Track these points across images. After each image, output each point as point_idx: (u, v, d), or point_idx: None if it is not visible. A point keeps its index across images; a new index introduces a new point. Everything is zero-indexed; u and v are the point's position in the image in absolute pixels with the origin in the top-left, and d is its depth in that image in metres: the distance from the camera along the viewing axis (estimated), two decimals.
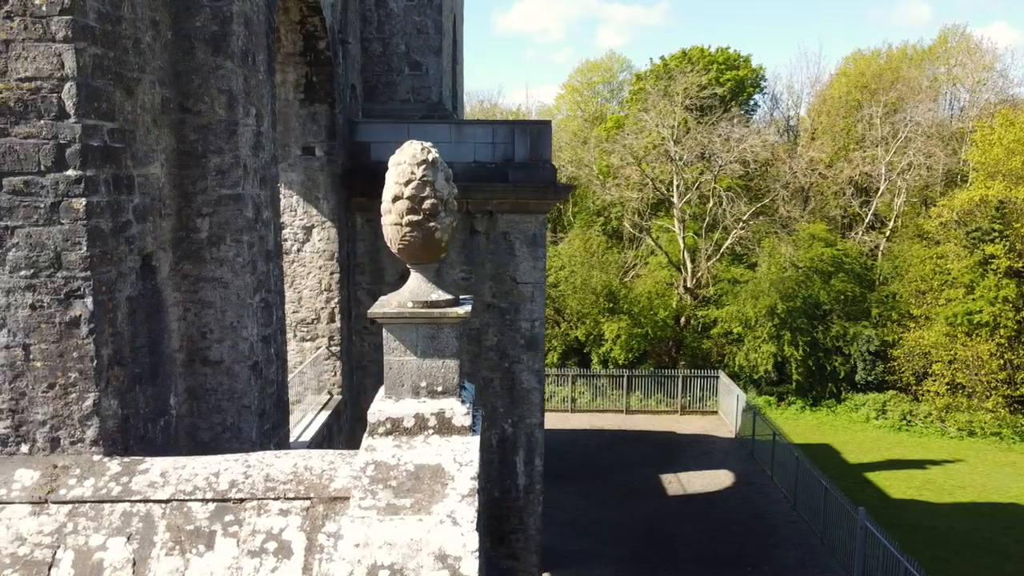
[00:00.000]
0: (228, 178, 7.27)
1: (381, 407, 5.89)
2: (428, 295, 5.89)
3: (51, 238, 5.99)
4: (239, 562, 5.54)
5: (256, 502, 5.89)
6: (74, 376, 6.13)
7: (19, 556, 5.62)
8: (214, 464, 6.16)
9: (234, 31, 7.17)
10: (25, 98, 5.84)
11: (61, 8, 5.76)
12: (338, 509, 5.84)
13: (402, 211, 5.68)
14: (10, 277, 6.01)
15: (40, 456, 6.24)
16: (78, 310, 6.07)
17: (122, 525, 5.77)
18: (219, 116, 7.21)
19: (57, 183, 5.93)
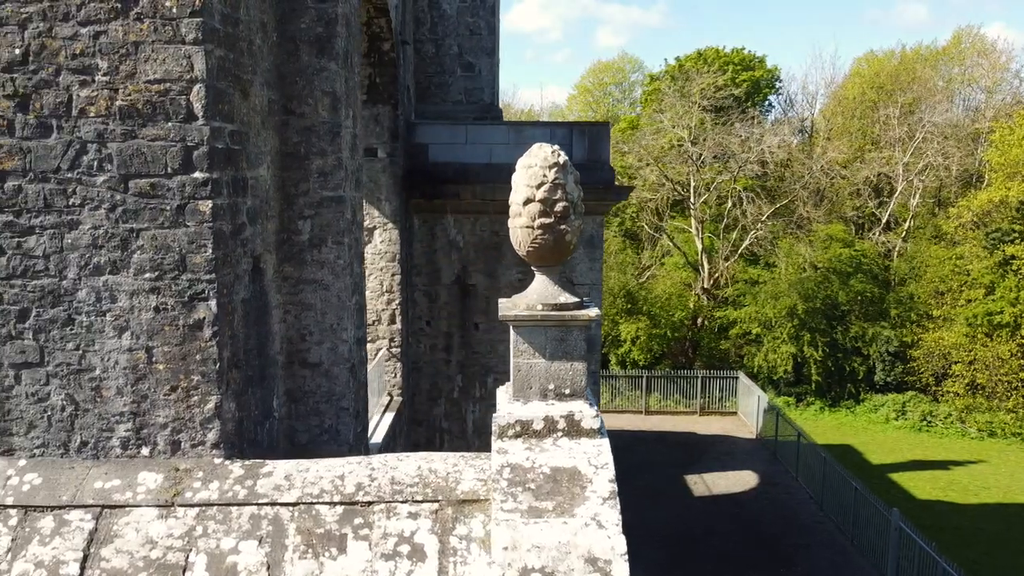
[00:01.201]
0: (330, 180, 7.27)
1: (510, 410, 5.88)
2: (556, 297, 5.89)
3: (176, 240, 5.98)
4: (373, 565, 5.54)
5: (384, 505, 5.88)
6: (196, 379, 6.12)
7: (152, 559, 5.61)
8: (337, 467, 6.15)
9: (339, 32, 7.17)
10: (154, 100, 5.83)
11: (191, 10, 5.76)
12: (467, 512, 5.84)
13: (534, 214, 5.68)
14: (134, 280, 6.00)
15: (161, 459, 6.23)
16: (202, 313, 6.06)
17: (252, 528, 5.76)
18: (322, 118, 7.21)
19: (184, 185, 5.92)
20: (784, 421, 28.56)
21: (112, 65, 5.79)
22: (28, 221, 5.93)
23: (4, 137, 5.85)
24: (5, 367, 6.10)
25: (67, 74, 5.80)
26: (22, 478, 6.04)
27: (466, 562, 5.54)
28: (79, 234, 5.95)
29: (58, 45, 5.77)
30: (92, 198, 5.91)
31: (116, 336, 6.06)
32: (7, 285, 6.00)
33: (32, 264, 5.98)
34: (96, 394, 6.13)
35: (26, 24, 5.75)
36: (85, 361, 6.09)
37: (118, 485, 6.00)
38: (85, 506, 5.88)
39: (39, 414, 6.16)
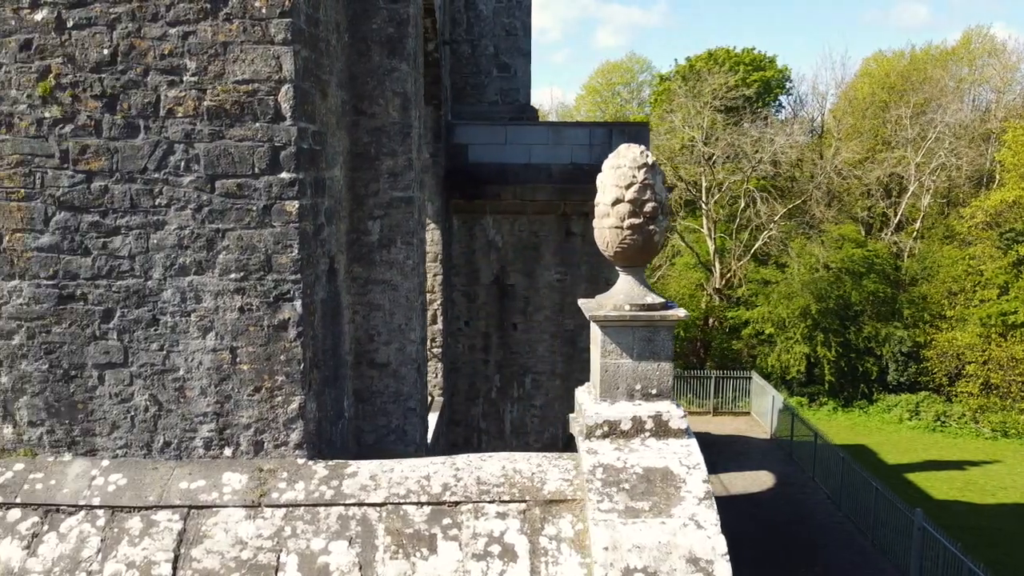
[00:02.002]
0: (400, 181, 7.27)
1: (597, 410, 5.89)
2: (643, 298, 5.90)
3: (262, 241, 5.98)
4: (465, 565, 5.54)
5: (471, 505, 5.89)
6: (280, 379, 6.12)
7: (243, 560, 5.61)
8: (422, 467, 6.16)
9: (410, 33, 7.17)
10: (241, 101, 5.83)
11: (281, 10, 5.76)
12: (554, 512, 5.85)
13: (623, 214, 5.69)
14: (219, 280, 6.00)
15: (244, 459, 6.23)
16: (287, 313, 6.06)
17: (341, 529, 5.77)
18: (392, 119, 7.21)
19: (270, 186, 5.92)
20: (800, 421, 28.60)
21: (200, 65, 5.78)
22: (114, 221, 5.93)
23: (91, 138, 5.84)
24: (89, 367, 6.09)
25: (155, 74, 5.80)
26: (107, 478, 6.04)
27: (557, 562, 5.55)
28: (165, 234, 5.95)
29: (147, 45, 5.77)
30: (178, 198, 5.91)
31: (200, 336, 6.06)
32: (92, 285, 6.00)
33: (117, 264, 5.98)
34: (179, 395, 6.13)
35: (115, 24, 5.75)
36: (169, 362, 6.09)
37: (203, 486, 6.00)
38: (172, 507, 5.88)
39: (122, 415, 6.16)
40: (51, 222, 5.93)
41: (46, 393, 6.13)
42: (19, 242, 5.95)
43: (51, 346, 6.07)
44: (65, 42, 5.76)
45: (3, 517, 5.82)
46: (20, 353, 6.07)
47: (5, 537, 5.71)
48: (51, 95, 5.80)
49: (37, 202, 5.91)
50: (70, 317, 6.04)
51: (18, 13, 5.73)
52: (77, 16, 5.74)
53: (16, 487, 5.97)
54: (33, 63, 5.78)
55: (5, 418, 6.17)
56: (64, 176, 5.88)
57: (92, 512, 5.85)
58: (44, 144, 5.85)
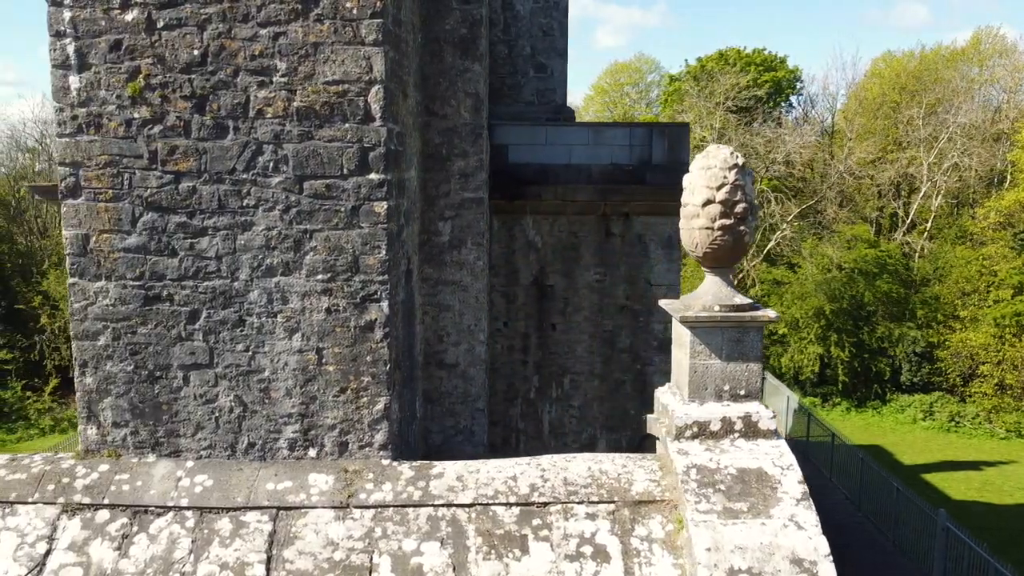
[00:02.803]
0: (471, 181, 7.27)
1: (687, 411, 5.89)
2: (731, 299, 5.90)
3: (349, 242, 5.98)
4: (558, 566, 5.54)
5: (560, 506, 5.88)
6: (366, 380, 6.12)
7: (336, 561, 5.61)
8: (507, 468, 6.16)
9: (482, 34, 7.17)
10: (331, 102, 5.83)
11: (372, 11, 5.76)
12: (643, 512, 5.85)
13: (714, 215, 5.69)
14: (307, 281, 6.00)
15: (328, 460, 6.23)
16: (374, 314, 6.06)
17: (431, 530, 5.76)
18: (464, 119, 7.21)
19: (359, 186, 5.92)
20: (815, 422, 28.62)
21: (291, 66, 5.78)
22: (202, 222, 5.93)
23: (180, 138, 5.84)
24: (174, 368, 6.09)
25: (245, 75, 5.79)
26: (192, 480, 6.03)
27: (651, 563, 5.55)
28: (252, 235, 5.95)
29: (237, 46, 5.76)
30: (267, 199, 5.91)
31: (287, 338, 6.06)
32: (179, 286, 6.00)
33: (204, 265, 5.98)
34: (264, 396, 6.12)
35: (205, 25, 5.75)
36: (255, 363, 6.09)
37: (290, 487, 6.00)
38: (260, 508, 5.88)
39: (207, 415, 6.15)
40: (138, 223, 5.92)
41: (131, 394, 6.12)
42: (106, 243, 5.94)
43: (136, 347, 6.06)
44: (155, 43, 5.76)
45: (92, 518, 5.82)
46: (105, 354, 6.07)
47: (96, 538, 5.70)
48: (140, 96, 5.79)
49: (125, 203, 5.90)
50: (156, 318, 6.03)
51: (108, 13, 5.73)
52: (168, 16, 5.74)
53: (103, 488, 5.96)
54: (123, 64, 5.77)
55: (89, 419, 6.16)
56: (152, 177, 5.87)
57: (180, 513, 5.85)
58: (133, 145, 5.84)
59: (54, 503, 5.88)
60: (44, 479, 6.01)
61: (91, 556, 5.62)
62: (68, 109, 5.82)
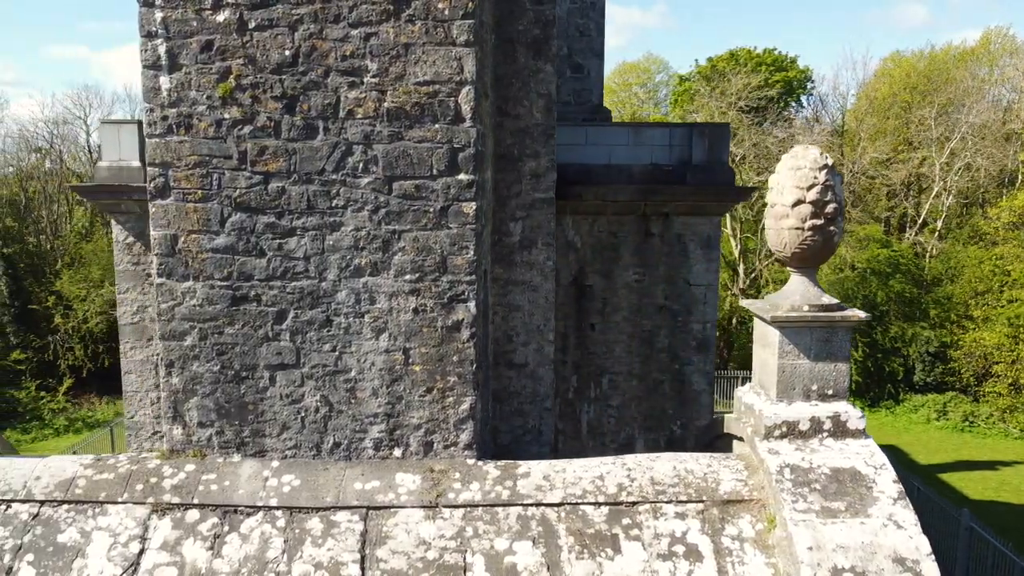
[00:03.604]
0: (542, 182, 7.28)
1: (775, 410, 5.91)
2: (819, 299, 5.92)
3: (438, 242, 5.99)
4: (651, 565, 5.56)
5: (649, 505, 5.90)
6: (453, 380, 6.14)
7: (429, 560, 5.62)
8: (593, 467, 6.18)
9: (554, 35, 7.19)
10: (422, 102, 5.84)
11: (464, 12, 5.77)
12: (732, 512, 5.87)
13: (804, 215, 5.71)
14: (394, 281, 6.02)
15: (414, 460, 6.24)
16: (460, 314, 6.08)
17: (522, 529, 5.78)
18: (536, 120, 7.22)
19: (448, 187, 5.94)
20: None
21: (382, 67, 5.79)
22: (290, 223, 5.94)
23: (270, 139, 5.85)
24: (261, 369, 6.10)
25: (336, 76, 5.81)
26: (280, 479, 6.04)
27: (743, 562, 5.57)
28: (341, 236, 5.96)
29: (328, 47, 5.78)
30: (356, 200, 5.92)
31: (374, 338, 6.07)
32: (266, 287, 6.01)
33: (292, 266, 5.99)
34: (351, 395, 6.14)
35: (296, 25, 5.76)
36: (341, 363, 6.10)
37: (378, 486, 6.01)
38: (350, 507, 5.89)
39: (293, 415, 6.16)
40: (227, 223, 5.93)
41: (217, 394, 6.13)
42: (194, 243, 5.95)
43: (223, 347, 6.07)
44: (246, 43, 5.77)
45: (182, 518, 5.83)
46: (192, 354, 6.08)
47: (188, 538, 5.71)
48: (231, 96, 5.80)
49: (214, 203, 5.91)
50: (243, 318, 6.04)
51: (200, 14, 5.74)
52: (259, 17, 5.75)
53: (191, 488, 5.97)
54: (214, 64, 5.78)
55: (175, 419, 6.17)
56: (242, 177, 5.88)
57: (270, 513, 5.86)
58: (223, 145, 5.85)
59: (143, 503, 5.89)
60: (132, 479, 6.02)
61: (184, 556, 5.63)
62: (158, 110, 5.83)
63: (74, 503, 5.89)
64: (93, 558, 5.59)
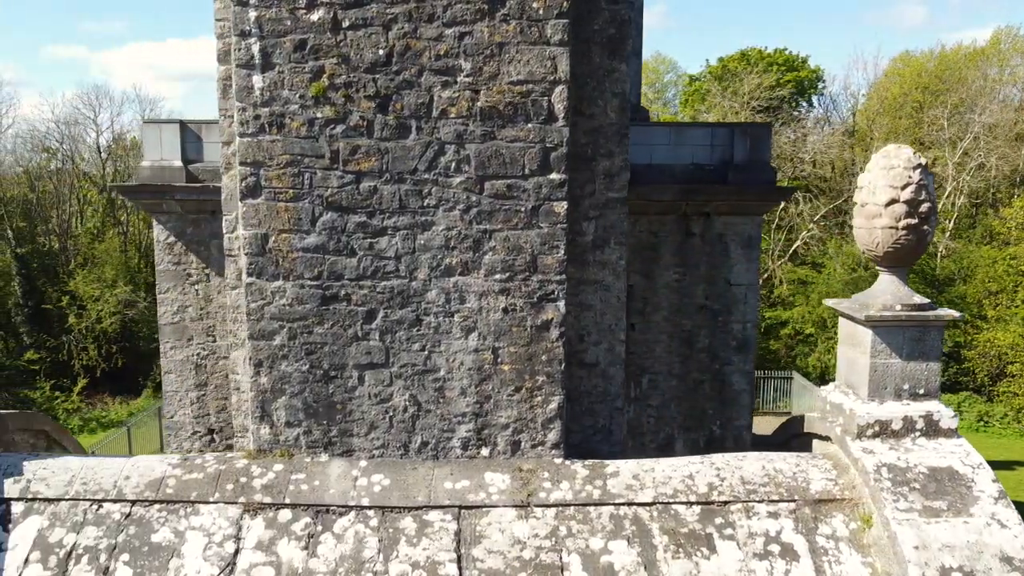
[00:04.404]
0: (616, 181, 7.27)
1: (868, 409, 5.92)
2: (910, 298, 5.93)
3: (528, 242, 6.00)
4: (748, 564, 5.56)
5: (741, 504, 5.91)
6: (541, 379, 6.14)
7: (525, 559, 5.62)
8: (681, 466, 6.18)
9: (629, 34, 7.17)
10: (515, 102, 5.85)
11: (558, 11, 5.77)
12: (824, 511, 5.87)
13: (898, 215, 5.71)
14: (484, 281, 6.01)
15: (501, 459, 6.24)
16: (550, 313, 6.08)
17: (615, 528, 5.78)
18: (610, 119, 7.20)
19: (540, 186, 5.94)
20: None
21: (475, 66, 5.79)
22: (381, 222, 5.94)
23: (362, 138, 5.85)
24: (349, 368, 6.10)
25: (429, 75, 5.80)
26: (369, 479, 6.04)
27: (839, 561, 5.57)
28: (432, 235, 5.96)
29: (422, 46, 5.77)
30: (447, 199, 5.92)
31: (463, 337, 6.07)
32: (356, 286, 6.00)
33: (383, 265, 5.99)
34: (439, 395, 6.14)
35: (391, 25, 5.75)
36: (430, 362, 6.10)
37: (468, 486, 6.01)
38: (442, 507, 5.89)
39: (381, 415, 6.16)
40: (318, 223, 5.93)
41: (305, 394, 6.13)
42: (285, 243, 5.95)
43: (312, 347, 6.07)
44: (340, 42, 5.76)
45: (274, 517, 5.82)
46: (281, 354, 6.07)
47: (282, 538, 5.71)
48: (324, 95, 5.80)
49: (305, 202, 5.90)
50: (332, 318, 6.04)
51: (294, 13, 5.73)
52: (353, 16, 5.74)
53: (281, 487, 5.97)
54: (307, 63, 5.78)
55: (263, 418, 6.17)
56: (333, 176, 5.88)
57: (363, 512, 5.86)
58: (315, 144, 5.85)
59: (235, 502, 5.89)
60: (221, 479, 6.01)
61: (280, 556, 5.62)
62: (251, 109, 5.82)
63: (165, 503, 5.88)
64: (189, 558, 5.58)
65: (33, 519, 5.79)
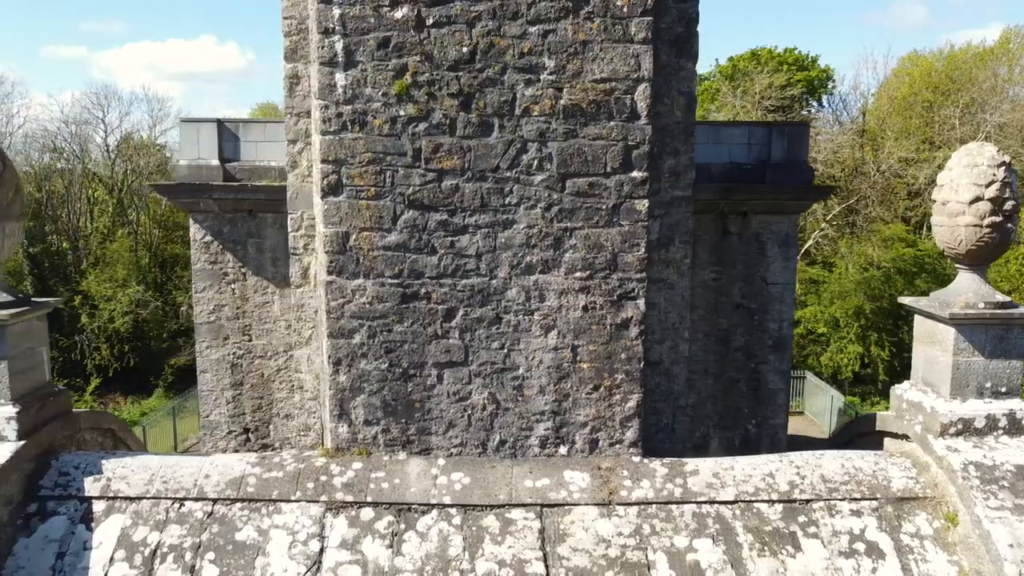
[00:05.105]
0: (681, 180, 7.27)
1: (950, 408, 5.92)
2: (992, 296, 5.93)
3: (609, 239, 5.99)
4: (834, 563, 5.56)
5: (823, 503, 5.90)
6: (620, 377, 6.14)
7: (611, 558, 5.61)
8: (760, 464, 6.17)
9: (696, 32, 7.17)
10: (598, 100, 5.84)
11: (643, 9, 5.77)
12: (906, 509, 5.87)
13: (983, 213, 5.71)
14: (565, 279, 6.01)
15: (578, 457, 6.23)
16: (630, 312, 6.07)
17: (699, 527, 5.78)
18: (676, 118, 7.19)
19: (621, 184, 5.93)
20: None
21: (559, 64, 5.79)
22: (462, 220, 5.93)
23: (445, 136, 5.84)
24: (429, 366, 6.09)
25: (512, 72, 5.80)
26: (449, 477, 6.03)
27: (925, 559, 5.57)
28: (512, 233, 5.95)
29: (506, 44, 5.77)
30: (528, 197, 5.91)
31: (542, 335, 6.06)
32: (436, 284, 6.00)
33: (463, 263, 5.98)
34: (518, 393, 6.13)
35: (475, 22, 5.75)
36: (509, 360, 6.09)
37: (548, 484, 6.00)
38: (524, 505, 5.88)
39: (459, 413, 6.15)
40: (399, 221, 5.92)
41: (384, 392, 6.12)
42: (366, 241, 5.94)
43: (392, 345, 6.06)
44: (424, 40, 5.75)
45: (356, 516, 5.81)
46: (360, 352, 6.06)
47: (365, 536, 5.70)
48: (407, 93, 5.79)
49: (386, 200, 5.90)
50: (412, 316, 6.03)
51: (378, 11, 5.72)
52: (437, 14, 5.73)
53: (362, 486, 5.96)
54: (390, 61, 5.77)
55: (341, 417, 6.16)
56: (415, 174, 5.87)
57: (444, 511, 5.85)
58: (397, 142, 5.84)
59: (317, 501, 5.88)
60: (301, 477, 6.00)
61: (365, 554, 5.61)
62: (333, 107, 5.81)
63: (247, 501, 5.87)
64: (275, 556, 5.57)
65: (115, 517, 5.78)
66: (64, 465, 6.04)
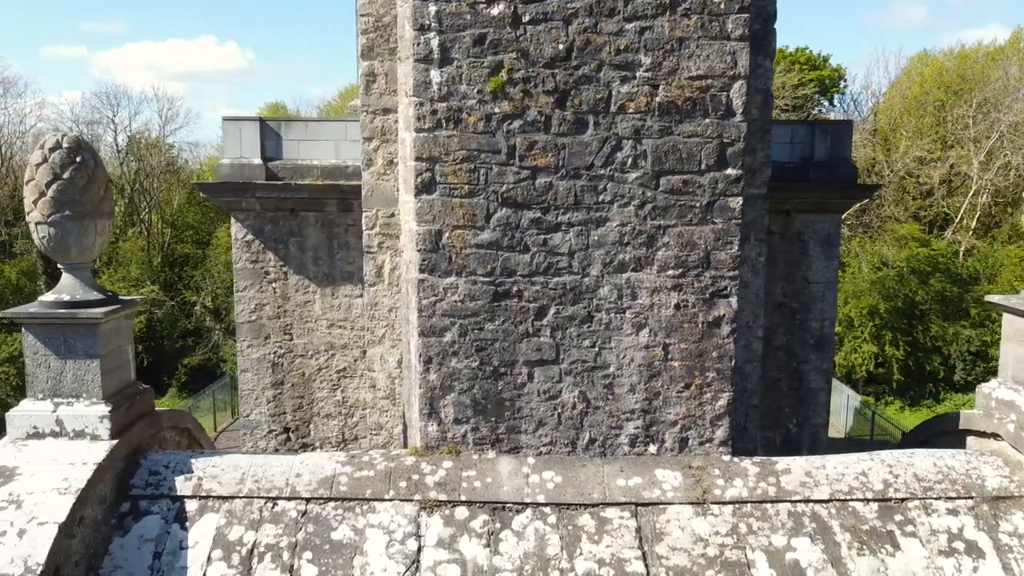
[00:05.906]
0: (757, 177, 7.25)
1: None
2: None
3: (702, 237, 5.97)
4: (935, 562, 5.54)
5: (918, 502, 5.89)
6: (711, 376, 6.11)
7: (711, 557, 5.59)
8: (852, 463, 6.15)
9: (773, 30, 7.16)
10: (694, 97, 5.82)
11: (740, 6, 5.74)
12: (1003, 508, 5.86)
13: None
14: (657, 277, 5.99)
15: (668, 456, 6.21)
16: (722, 310, 6.05)
17: (796, 526, 5.76)
18: (753, 116, 7.16)
19: (715, 182, 5.91)
20: (884, 421, 28.69)
21: (655, 61, 5.76)
22: (555, 218, 5.90)
23: (539, 133, 5.82)
24: (519, 365, 6.07)
25: (608, 69, 5.77)
26: (540, 476, 6.01)
27: None
28: (606, 231, 5.93)
29: (602, 41, 5.74)
30: (622, 195, 5.89)
31: (634, 333, 6.04)
32: (528, 282, 5.97)
33: (555, 261, 5.95)
34: (608, 391, 6.11)
35: (571, 19, 5.72)
36: (600, 359, 6.07)
37: (641, 483, 5.98)
38: (618, 504, 5.86)
39: (549, 412, 6.13)
40: (492, 219, 5.90)
41: (474, 390, 6.09)
42: (459, 239, 5.91)
43: (482, 343, 6.03)
44: (520, 37, 5.73)
45: (451, 515, 5.79)
46: (451, 350, 6.04)
47: (462, 535, 5.67)
48: (502, 90, 5.76)
49: (480, 198, 5.87)
50: (503, 314, 6.00)
51: (474, 8, 5.70)
52: (533, 11, 5.71)
53: (454, 485, 5.93)
54: (486, 58, 5.74)
55: (431, 415, 6.14)
56: (509, 172, 5.85)
57: (539, 510, 5.82)
58: (491, 140, 5.82)
59: (411, 500, 5.85)
60: (393, 476, 5.97)
61: (463, 553, 5.59)
62: (428, 104, 5.78)
63: (340, 500, 5.84)
64: (372, 556, 5.54)
65: (209, 517, 5.75)
66: (154, 464, 6.01)
